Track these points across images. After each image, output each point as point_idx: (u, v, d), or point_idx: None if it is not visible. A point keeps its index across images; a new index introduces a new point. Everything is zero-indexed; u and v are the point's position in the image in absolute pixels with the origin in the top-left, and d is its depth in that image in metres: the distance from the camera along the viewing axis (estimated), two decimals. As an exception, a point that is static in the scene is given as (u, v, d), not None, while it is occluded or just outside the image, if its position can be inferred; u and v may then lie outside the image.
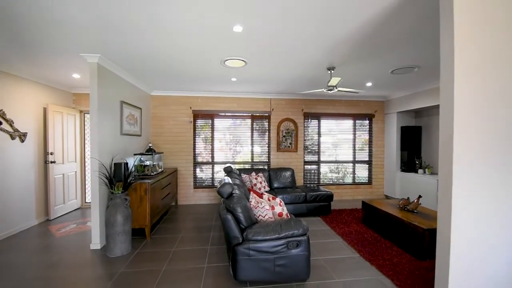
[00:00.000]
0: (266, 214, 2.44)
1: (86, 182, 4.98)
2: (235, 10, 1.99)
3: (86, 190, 5.00)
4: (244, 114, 5.38)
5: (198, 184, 5.30)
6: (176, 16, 2.08)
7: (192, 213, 4.56)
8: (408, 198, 3.46)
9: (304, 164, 5.54)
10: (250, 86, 4.65)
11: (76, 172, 4.78)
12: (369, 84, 4.37)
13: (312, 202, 4.33)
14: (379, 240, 3.23)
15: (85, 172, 4.96)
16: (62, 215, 4.38)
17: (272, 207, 2.52)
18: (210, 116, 5.28)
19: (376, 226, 3.62)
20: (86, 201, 4.99)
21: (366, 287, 2.27)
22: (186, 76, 3.92)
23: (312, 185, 5.24)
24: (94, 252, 2.99)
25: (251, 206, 2.53)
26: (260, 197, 2.71)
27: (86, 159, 4.96)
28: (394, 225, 3.18)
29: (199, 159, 5.30)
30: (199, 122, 5.28)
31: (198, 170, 5.32)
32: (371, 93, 5.17)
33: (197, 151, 5.29)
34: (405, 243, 2.98)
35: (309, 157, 5.61)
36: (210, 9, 1.97)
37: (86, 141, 4.96)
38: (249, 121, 5.42)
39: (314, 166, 5.67)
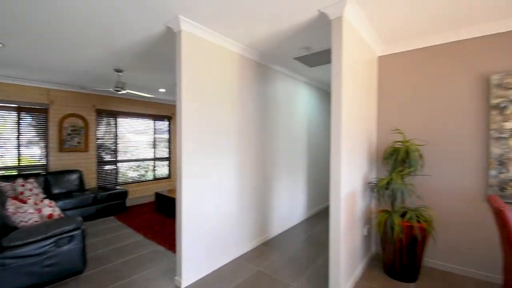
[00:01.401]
0: (30, 218, 2.36)
1: None
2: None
3: None
4: (6, 105, 4.27)
5: None
6: None
7: None
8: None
9: (98, 165, 5.37)
10: (16, 71, 3.84)
11: None
12: (162, 90, 5.16)
13: (104, 202, 4.42)
14: (165, 221, 4.07)
15: None
16: None
17: (39, 210, 2.47)
18: None
19: (165, 211, 4.47)
20: None
21: (143, 258, 2.91)
22: None
23: (108, 185, 5.22)
24: None
25: (9, 213, 2.32)
26: (23, 203, 2.52)
27: None
28: (173, 204, 4.15)
29: None
30: None
31: None
32: (167, 97, 6.05)
33: None
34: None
35: (104, 157, 5.51)
36: None
37: None
38: (15, 114, 4.38)
39: (111, 166, 5.65)
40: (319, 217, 4.43)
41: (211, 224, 2.66)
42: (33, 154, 4.60)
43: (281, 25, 2.38)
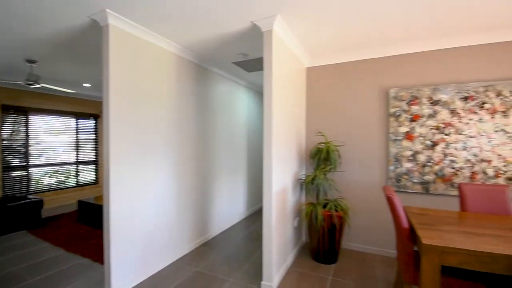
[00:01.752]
0: None
1: None
2: None
3: None
4: None
5: None
6: None
7: None
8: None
9: (4, 170, 4.56)
10: None
11: None
12: (87, 85, 4.69)
13: (13, 214, 3.80)
14: (90, 232, 3.74)
15: None
16: None
17: None
18: None
19: (90, 221, 4.09)
20: None
21: (65, 273, 2.66)
22: None
23: (17, 195, 4.47)
24: None
25: None
26: None
27: None
28: (100, 212, 3.85)
29: None
30: None
31: None
32: (93, 93, 5.52)
33: None
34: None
35: (12, 161, 4.70)
36: None
37: None
38: None
39: (21, 172, 4.85)
40: (258, 215, 4.71)
41: (145, 229, 2.61)
42: None
43: (218, 31, 2.52)
